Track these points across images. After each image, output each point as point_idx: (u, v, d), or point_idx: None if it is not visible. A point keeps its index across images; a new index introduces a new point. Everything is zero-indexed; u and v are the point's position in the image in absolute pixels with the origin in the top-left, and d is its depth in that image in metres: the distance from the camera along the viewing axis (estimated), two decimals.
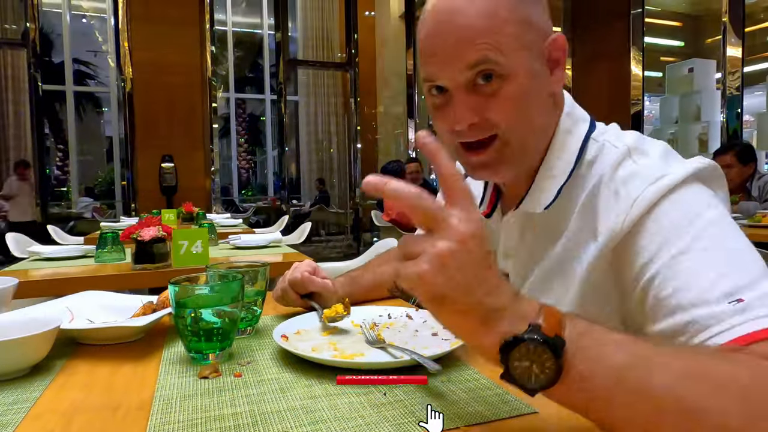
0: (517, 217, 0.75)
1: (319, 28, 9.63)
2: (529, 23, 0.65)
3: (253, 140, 15.59)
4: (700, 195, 0.61)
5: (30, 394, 0.62)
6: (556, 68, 0.69)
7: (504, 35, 0.63)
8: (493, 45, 0.63)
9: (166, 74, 6.75)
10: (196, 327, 0.69)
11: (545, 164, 0.71)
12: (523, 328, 0.43)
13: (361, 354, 0.71)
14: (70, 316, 0.88)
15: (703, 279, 0.53)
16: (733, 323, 0.49)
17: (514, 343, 0.42)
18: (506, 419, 0.53)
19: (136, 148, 6.69)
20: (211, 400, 0.59)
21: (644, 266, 0.58)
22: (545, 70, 0.68)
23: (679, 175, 0.60)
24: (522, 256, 0.75)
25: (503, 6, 0.64)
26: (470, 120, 0.65)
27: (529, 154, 0.71)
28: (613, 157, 0.66)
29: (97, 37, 12.55)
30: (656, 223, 0.59)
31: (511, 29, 0.64)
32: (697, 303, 0.52)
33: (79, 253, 2.02)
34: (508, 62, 0.63)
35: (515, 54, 0.64)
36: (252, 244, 2.24)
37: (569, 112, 0.73)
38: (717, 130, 5.80)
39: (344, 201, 9.12)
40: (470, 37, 0.63)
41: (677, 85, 6.63)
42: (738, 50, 5.03)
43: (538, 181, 0.71)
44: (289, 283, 0.94)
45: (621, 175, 0.64)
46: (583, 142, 0.70)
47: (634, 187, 0.62)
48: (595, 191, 0.66)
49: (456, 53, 0.64)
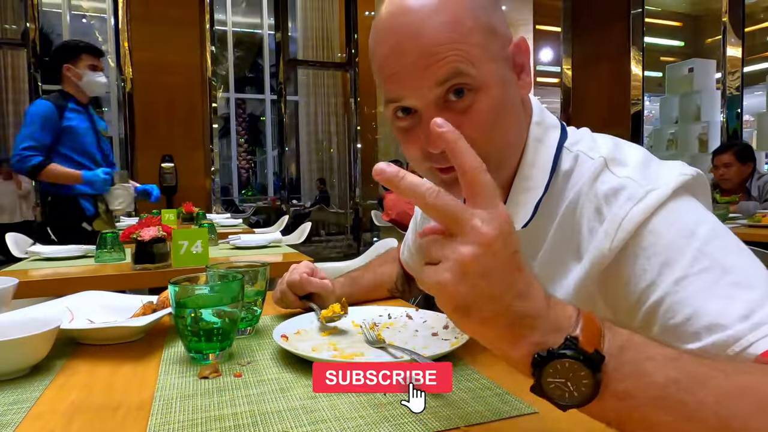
0: None
1: (319, 28, 9.62)
2: (493, 31, 0.62)
3: (253, 140, 15.58)
4: (691, 208, 0.58)
5: (30, 394, 0.62)
6: (522, 73, 0.66)
7: (472, 45, 0.59)
8: (463, 56, 0.59)
9: (166, 74, 6.75)
10: (196, 327, 0.69)
11: (519, 176, 0.68)
12: (558, 341, 0.39)
13: (361, 354, 0.71)
14: (70, 316, 0.88)
15: (713, 304, 0.51)
16: (758, 335, 0.47)
17: (548, 359, 0.38)
18: (506, 419, 0.53)
19: (136, 148, 6.69)
20: (211, 400, 0.59)
21: (646, 291, 0.56)
22: (513, 76, 0.65)
23: (665, 190, 0.58)
24: None
25: (467, 15, 0.60)
26: None
27: (504, 168, 0.68)
28: (591, 170, 0.63)
29: (97, 37, 12.54)
30: (649, 243, 0.56)
31: (477, 38, 0.60)
32: (714, 329, 0.50)
33: (79, 253, 2.02)
34: (480, 74, 0.59)
35: (485, 65, 0.60)
36: (252, 244, 2.24)
37: (539, 121, 0.70)
38: (717, 130, 5.80)
39: (344, 201, 9.12)
40: (436, 50, 0.58)
41: (677, 85, 6.63)
42: (738, 50, 5.03)
43: (513, 195, 0.68)
44: (288, 284, 0.94)
45: (601, 190, 0.61)
46: (556, 151, 0.67)
47: (619, 206, 0.59)
48: (573, 206, 0.64)
49: (423, 70, 0.59)
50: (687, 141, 6.34)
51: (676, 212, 0.57)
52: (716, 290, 0.51)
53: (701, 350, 0.51)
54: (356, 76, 8.06)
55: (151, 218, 1.83)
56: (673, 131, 6.61)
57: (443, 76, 0.59)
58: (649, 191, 0.58)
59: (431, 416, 0.54)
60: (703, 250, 0.54)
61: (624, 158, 0.65)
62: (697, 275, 0.53)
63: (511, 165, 0.68)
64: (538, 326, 0.39)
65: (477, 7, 0.61)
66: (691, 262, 0.53)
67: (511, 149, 0.67)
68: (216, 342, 0.70)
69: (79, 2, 10.75)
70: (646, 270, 0.56)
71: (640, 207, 0.57)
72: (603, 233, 0.59)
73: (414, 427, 0.51)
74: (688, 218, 0.57)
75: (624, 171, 0.62)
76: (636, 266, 0.57)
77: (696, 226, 0.56)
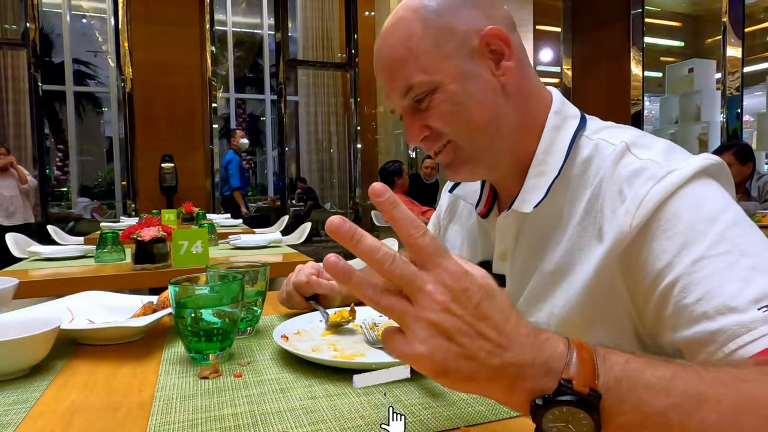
0: (512, 218, 0.74)
1: (319, 28, 9.62)
2: (449, 31, 0.66)
3: (253, 140, 15.58)
4: (713, 192, 0.58)
5: (30, 394, 0.62)
6: (501, 60, 0.68)
7: (422, 55, 0.66)
8: (415, 69, 0.67)
9: (166, 74, 6.75)
10: (196, 327, 0.69)
11: (534, 162, 0.70)
12: (552, 385, 0.38)
13: (361, 354, 0.71)
14: (70, 316, 0.88)
15: (728, 286, 0.51)
16: (763, 332, 0.48)
17: (545, 406, 0.38)
18: (506, 419, 0.53)
19: (136, 148, 6.69)
20: (211, 400, 0.59)
21: (662, 271, 0.56)
22: (485, 67, 0.68)
23: (687, 171, 0.58)
24: (519, 259, 0.74)
25: (417, 26, 0.67)
26: (420, 136, 0.71)
27: (490, 151, 0.71)
28: (612, 155, 0.65)
29: (97, 37, 12.54)
30: (670, 224, 0.57)
31: (426, 46, 0.66)
32: (724, 311, 0.50)
33: (79, 254, 2.02)
34: (432, 77, 0.67)
35: (437, 67, 0.66)
36: (252, 244, 2.24)
37: (557, 110, 0.72)
38: (717, 130, 5.80)
39: (344, 201, 9.12)
40: (394, 68, 0.69)
41: (677, 85, 6.62)
42: (738, 50, 5.03)
43: (529, 179, 0.70)
44: (294, 286, 0.94)
45: (623, 173, 0.62)
46: (573, 138, 0.69)
47: (640, 185, 0.59)
48: (597, 192, 0.65)
49: (390, 85, 0.71)
50: (687, 141, 6.33)
51: (698, 195, 0.58)
52: (733, 273, 0.52)
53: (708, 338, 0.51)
54: (356, 76, 8.06)
55: (151, 218, 1.83)
56: (673, 131, 6.60)
57: (403, 89, 0.69)
58: (670, 171, 0.59)
59: (431, 416, 0.54)
60: (725, 234, 0.54)
61: (647, 143, 0.66)
62: (715, 257, 0.53)
63: (506, 150, 0.71)
64: (528, 374, 0.38)
65: (429, 15, 0.67)
66: (711, 245, 0.54)
67: (483, 134, 0.69)
68: (216, 342, 0.70)
69: (79, 2, 10.75)
70: (665, 250, 0.56)
71: (661, 185, 0.58)
72: (624, 211, 0.60)
73: (414, 427, 0.51)
74: (709, 201, 0.57)
75: (646, 154, 0.63)
76: (655, 246, 0.57)
77: (719, 213, 0.56)
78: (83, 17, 11.61)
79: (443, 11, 0.67)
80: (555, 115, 0.71)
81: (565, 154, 0.68)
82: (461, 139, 0.70)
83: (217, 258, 1.94)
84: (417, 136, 0.71)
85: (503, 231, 0.76)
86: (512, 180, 0.74)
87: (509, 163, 0.72)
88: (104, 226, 3.45)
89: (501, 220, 0.75)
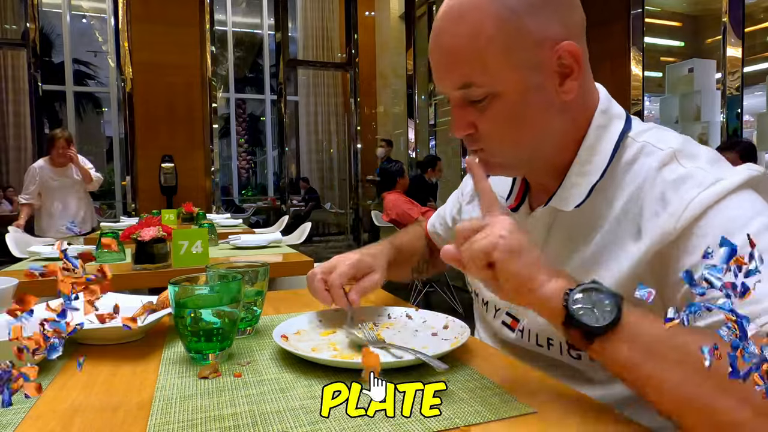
0: (544, 214, 0.74)
1: (319, 28, 9.62)
2: (522, 37, 0.63)
3: (253, 140, 15.57)
4: (753, 201, 0.60)
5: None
6: (568, 78, 0.66)
7: (489, 58, 0.63)
8: (478, 69, 0.64)
9: (166, 74, 6.75)
10: (196, 327, 0.69)
11: (578, 161, 0.69)
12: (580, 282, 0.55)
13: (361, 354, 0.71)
14: (71, 316, 0.88)
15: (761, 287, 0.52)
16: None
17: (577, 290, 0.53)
18: (506, 419, 0.53)
19: (136, 148, 6.69)
20: (211, 400, 0.59)
21: (694, 267, 0.57)
22: (550, 81, 0.65)
23: (733, 181, 0.60)
24: (549, 254, 0.73)
25: (490, 24, 0.62)
26: (465, 131, 0.69)
27: (527, 163, 0.72)
28: (657, 159, 0.65)
29: (97, 37, 12.53)
30: (707, 226, 0.58)
31: (495, 50, 0.62)
32: (762, 313, 0.50)
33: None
34: (494, 81, 0.64)
35: (502, 75, 0.64)
36: (252, 244, 2.24)
37: (604, 109, 0.71)
38: (717, 130, 5.80)
39: (344, 201, 9.12)
40: (454, 60, 0.65)
41: (677, 85, 6.62)
42: (738, 50, 5.02)
43: (569, 177, 0.70)
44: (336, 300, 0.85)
45: (669, 178, 0.63)
46: (618, 139, 0.69)
47: (686, 190, 0.60)
48: (638, 193, 0.65)
49: (445, 73, 0.67)
50: None
51: (738, 202, 0.59)
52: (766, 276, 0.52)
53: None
54: (356, 76, 8.06)
55: (151, 218, 1.83)
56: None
57: (458, 82, 0.66)
58: (718, 179, 0.60)
59: (431, 416, 0.54)
60: (758, 237, 0.54)
61: (694, 152, 0.66)
62: None
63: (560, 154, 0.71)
64: (563, 274, 0.57)
65: (505, 13, 0.62)
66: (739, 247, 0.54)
67: (524, 149, 0.69)
68: (216, 342, 0.70)
69: (79, 2, 10.75)
70: (699, 248, 0.57)
71: (709, 191, 0.59)
72: (668, 214, 0.60)
73: (414, 427, 0.51)
74: (748, 208, 0.59)
75: (693, 163, 0.64)
76: (689, 246, 0.58)
77: (754, 216, 0.57)
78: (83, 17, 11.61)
79: (521, 11, 0.62)
80: (602, 114, 0.71)
81: (611, 155, 0.68)
82: (498, 154, 0.69)
83: (217, 258, 1.93)
84: (462, 131, 0.69)
85: (534, 226, 0.75)
86: (549, 176, 0.73)
87: (546, 165, 0.72)
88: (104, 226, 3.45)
89: (535, 215, 0.75)
